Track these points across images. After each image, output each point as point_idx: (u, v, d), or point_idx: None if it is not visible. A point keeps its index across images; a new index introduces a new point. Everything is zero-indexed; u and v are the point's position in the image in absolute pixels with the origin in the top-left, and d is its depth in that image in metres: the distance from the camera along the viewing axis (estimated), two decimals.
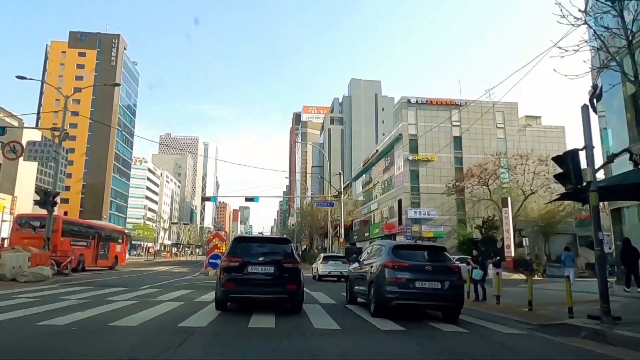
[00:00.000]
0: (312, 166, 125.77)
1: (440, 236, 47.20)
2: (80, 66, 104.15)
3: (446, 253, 9.90)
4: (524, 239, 36.87)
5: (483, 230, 43.26)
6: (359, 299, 11.15)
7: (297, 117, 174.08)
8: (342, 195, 36.13)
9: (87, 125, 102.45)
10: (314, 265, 27.61)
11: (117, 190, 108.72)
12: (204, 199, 42.21)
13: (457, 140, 49.34)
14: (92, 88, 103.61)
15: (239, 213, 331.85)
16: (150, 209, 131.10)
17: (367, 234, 58.79)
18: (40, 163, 65.49)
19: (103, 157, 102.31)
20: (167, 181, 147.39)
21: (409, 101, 49.48)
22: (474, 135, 49.36)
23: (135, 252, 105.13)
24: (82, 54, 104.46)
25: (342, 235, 35.81)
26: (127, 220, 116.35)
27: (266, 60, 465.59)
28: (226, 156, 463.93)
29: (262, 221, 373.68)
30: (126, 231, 34.59)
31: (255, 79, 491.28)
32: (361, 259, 11.62)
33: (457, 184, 44.54)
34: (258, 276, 8.81)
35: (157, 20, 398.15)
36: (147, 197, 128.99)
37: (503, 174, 45.05)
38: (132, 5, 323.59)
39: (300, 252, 68.57)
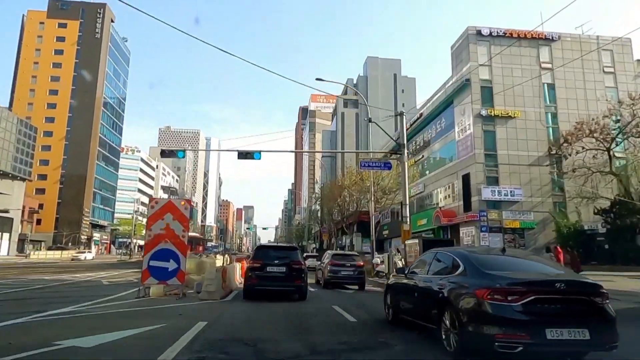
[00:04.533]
0: (323, 156, 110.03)
1: (530, 227, 30.99)
2: (61, 39, 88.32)
3: (358, 256, 20.06)
4: None
5: (610, 217, 27.12)
6: (320, 281, 19.08)
7: (303, 111, 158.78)
8: (406, 149, 20.09)
9: (66, 105, 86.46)
10: None
11: (103, 180, 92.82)
12: (165, 152, 23.53)
13: (550, 90, 33.18)
14: (73, 64, 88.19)
15: (243, 212, 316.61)
16: (143, 203, 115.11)
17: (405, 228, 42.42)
18: None
19: (86, 142, 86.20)
20: (163, 174, 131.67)
21: (479, 33, 33.32)
22: (571, 82, 33.23)
23: (121, 251, 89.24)
24: (62, 25, 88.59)
25: (408, 219, 19.74)
26: (116, 214, 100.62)
27: (269, 58, 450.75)
28: (228, 155, 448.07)
29: (267, 220, 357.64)
30: (202, 237, 47.23)
31: (259, 78, 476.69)
32: (322, 260, 20.84)
33: (561, 148, 28.35)
34: (274, 274, 12.04)
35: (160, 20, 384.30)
36: (140, 190, 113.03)
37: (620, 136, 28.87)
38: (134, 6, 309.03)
39: (316, 249, 54.04)
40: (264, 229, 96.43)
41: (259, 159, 19.58)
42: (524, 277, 5.28)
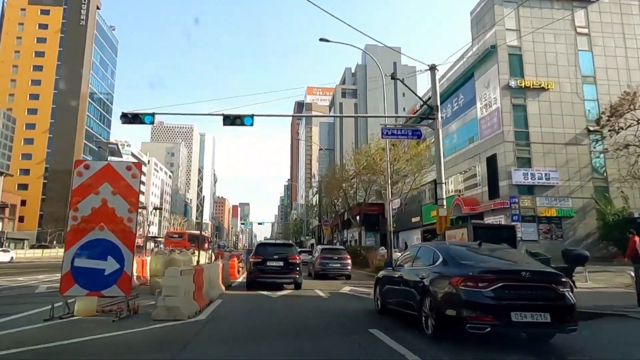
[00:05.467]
0: (319, 149, 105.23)
1: (568, 215, 26.46)
2: (43, 26, 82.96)
3: (344, 250, 21.42)
4: None
5: None
6: (311, 273, 19.81)
7: (299, 106, 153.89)
8: (439, 112, 15.56)
9: (50, 96, 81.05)
10: None
11: None
12: (128, 116, 17.68)
13: (586, 58, 28.63)
14: (56, 52, 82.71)
15: (239, 209, 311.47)
16: None
17: (415, 219, 37.85)
18: None
19: (71, 135, 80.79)
20: (155, 170, 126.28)
21: None
22: (611, 50, 28.77)
23: None
24: (45, 12, 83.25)
25: (445, 202, 15.11)
26: None
27: (263, 56, 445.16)
28: (223, 153, 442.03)
29: (263, 218, 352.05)
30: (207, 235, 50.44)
31: (252, 76, 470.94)
32: (313, 254, 22.47)
33: (610, 121, 23.79)
34: (273, 268, 13.21)
35: (154, 21, 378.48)
36: None
37: None
38: (131, 6, 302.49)
39: (313, 245, 50.08)
40: (259, 224, 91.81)
41: (251, 124, 14.87)
42: (494, 266, 5.85)
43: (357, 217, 39.83)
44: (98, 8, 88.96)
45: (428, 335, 5.84)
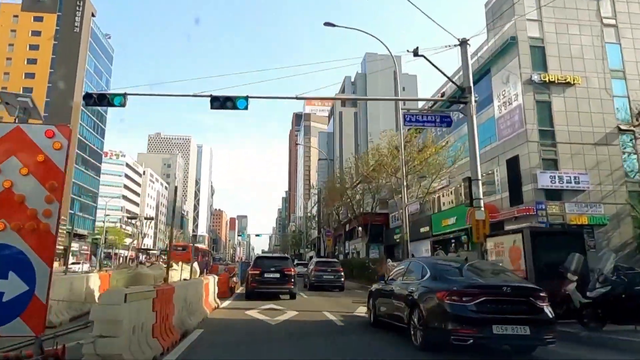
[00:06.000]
0: (319, 159, 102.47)
1: (601, 223, 23.59)
2: (36, 33, 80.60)
3: (338, 262, 22.44)
4: None
5: None
6: (306, 285, 20.77)
7: (297, 117, 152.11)
8: (473, 95, 12.86)
9: (42, 104, 78.06)
10: None
11: (82, 185, 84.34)
12: (93, 97, 15.00)
13: (614, 50, 26.09)
14: (49, 60, 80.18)
15: (236, 222, 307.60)
16: (128, 211, 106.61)
17: (425, 230, 34.80)
18: None
19: None
20: (151, 181, 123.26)
21: None
22: None
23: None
24: (38, 19, 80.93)
25: (481, 201, 12.30)
26: (97, 222, 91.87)
27: (263, 57, 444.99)
28: (221, 165, 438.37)
29: (261, 230, 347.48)
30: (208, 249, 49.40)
31: (252, 77, 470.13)
32: (308, 267, 22.81)
33: None
34: (270, 279, 14.26)
35: (152, 24, 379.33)
36: (124, 197, 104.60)
37: None
38: (126, 11, 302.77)
39: (313, 256, 46.97)
40: (257, 235, 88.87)
41: (245, 107, 12.09)
42: (477, 282, 6.16)
43: (360, 228, 36.87)
44: (93, 15, 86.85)
45: (416, 346, 6.07)
